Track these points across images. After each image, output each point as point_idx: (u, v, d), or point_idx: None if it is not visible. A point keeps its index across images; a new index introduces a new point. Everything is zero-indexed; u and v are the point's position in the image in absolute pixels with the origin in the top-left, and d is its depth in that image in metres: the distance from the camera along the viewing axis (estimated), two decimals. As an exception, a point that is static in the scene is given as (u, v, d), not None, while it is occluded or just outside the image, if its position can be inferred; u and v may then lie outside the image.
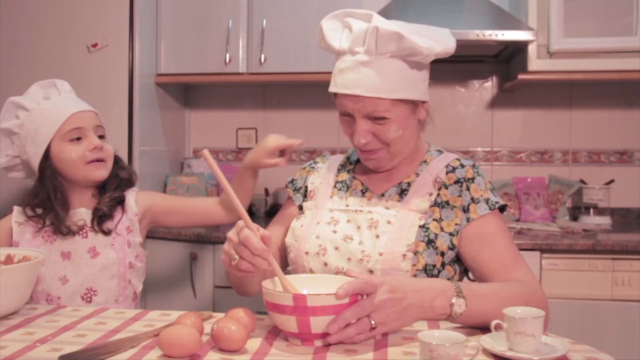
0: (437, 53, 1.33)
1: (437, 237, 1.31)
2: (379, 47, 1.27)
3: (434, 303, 1.11)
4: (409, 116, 1.34)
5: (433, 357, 0.88)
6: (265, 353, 1.05)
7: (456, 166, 1.37)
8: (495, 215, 1.33)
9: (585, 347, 1.09)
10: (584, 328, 2.27)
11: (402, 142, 1.35)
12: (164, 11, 2.67)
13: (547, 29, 2.49)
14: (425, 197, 1.34)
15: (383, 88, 1.27)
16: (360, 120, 1.31)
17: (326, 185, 1.46)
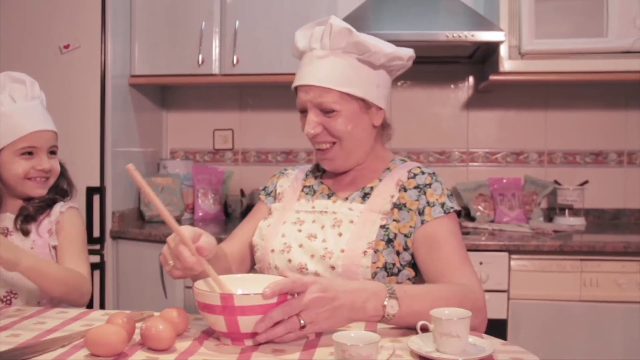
0: (386, 54, 1.39)
1: (395, 237, 1.34)
2: (332, 42, 1.36)
3: (366, 304, 1.12)
4: (359, 114, 1.39)
5: (345, 357, 0.89)
6: (193, 352, 1.05)
7: (417, 173, 1.41)
8: (448, 219, 1.36)
9: (515, 347, 1.09)
10: (552, 329, 2.27)
11: (353, 140, 1.39)
12: (137, 12, 2.68)
13: (519, 30, 2.50)
14: (387, 199, 1.38)
15: (332, 79, 1.35)
16: (312, 111, 1.38)
17: (294, 188, 1.52)
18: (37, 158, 1.54)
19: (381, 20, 2.59)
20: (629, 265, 2.25)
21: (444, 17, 2.55)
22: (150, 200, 1.15)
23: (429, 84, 2.95)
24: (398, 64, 1.44)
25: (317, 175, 1.53)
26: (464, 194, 2.83)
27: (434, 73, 2.93)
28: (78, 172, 2.44)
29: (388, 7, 2.61)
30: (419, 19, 2.54)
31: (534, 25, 2.48)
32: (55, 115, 2.45)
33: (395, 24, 2.54)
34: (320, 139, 1.39)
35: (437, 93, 2.95)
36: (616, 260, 2.26)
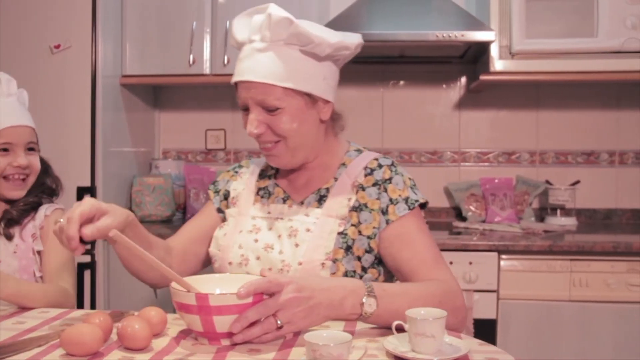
0: (331, 44, 1.28)
1: (354, 243, 1.30)
2: (272, 33, 1.26)
3: (344, 302, 1.11)
4: (305, 110, 1.30)
5: (316, 357, 0.89)
6: (169, 352, 1.05)
7: (374, 167, 1.35)
8: (415, 215, 1.32)
9: (492, 348, 1.09)
10: (541, 329, 2.27)
11: (300, 137, 1.31)
12: (128, 12, 2.68)
13: (509, 30, 2.50)
14: (344, 203, 1.33)
15: (275, 75, 1.26)
16: (254, 109, 1.29)
17: (249, 191, 1.44)
18: (13, 154, 1.51)
19: (372, 20, 2.59)
20: (618, 265, 2.25)
21: (435, 17, 2.55)
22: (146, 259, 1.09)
23: (420, 84, 2.95)
24: (345, 54, 1.34)
25: (270, 175, 1.46)
26: (456, 193, 2.83)
27: (425, 73, 2.93)
28: (69, 172, 2.48)
29: (379, 7, 2.61)
30: (410, 18, 2.54)
31: (524, 25, 2.48)
32: (45, 115, 2.48)
33: (386, 23, 2.54)
34: (264, 139, 1.31)
35: (429, 93, 2.95)
36: (605, 260, 2.26)
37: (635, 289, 2.25)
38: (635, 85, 2.81)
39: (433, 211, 2.93)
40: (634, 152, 2.85)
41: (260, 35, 1.27)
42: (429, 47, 2.60)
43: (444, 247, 2.27)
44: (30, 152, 1.56)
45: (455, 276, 2.27)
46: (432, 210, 2.93)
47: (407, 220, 1.31)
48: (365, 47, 2.59)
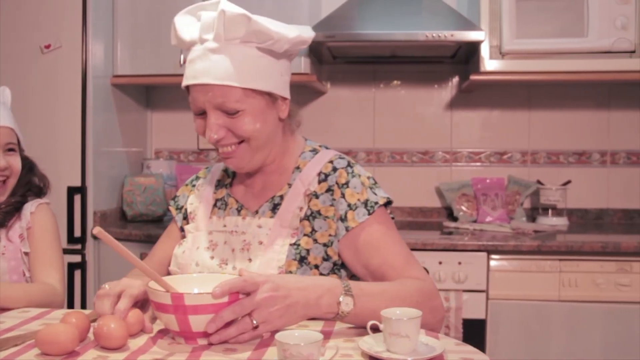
0: (290, 40, 1.25)
1: (309, 253, 1.28)
2: (227, 32, 1.20)
3: (320, 301, 1.10)
4: (266, 110, 1.26)
5: (286, 356, 0.89)
6: (145, 351, 1.05)
7: (328, 172, 1.30)
8: (377, 218, 1.28)
9: (468, 348, 1.09)
10: (531, 329, 2.27)
11: (262, 138, 1.27)
12: (119, 12, 2.68)
13: (500, 30, 2.50)
14: (295, 213, 1.29)
15: (234, 76, 1.20)
16: (212, 113, 1.23)
17: (206, 204, 1.41)
18: None
19: (363, 19, 2.59)
20: (607, 265, 2.25)
21: (425, 17, 2.55)
22: (126, 258, 1.11)
23: (412, 84, 2.95)
24: (300, 49, 1.30)
25: (227, 184, 1.42)
26: (447, 193, 2.83)
27: (417, 73, 2.93)
28: (59, 172, 2.49)
29: (370, 7, 2.61)
30: (400, 18, 2.54)
31: (514, 25, 2.48)
32: (36, 115, 2.49)
33: (377, 23, 2.54)
34: (225, 142, 1.25)
35: (421, 93, 2.95)
36: (594, 260, 2.26)
37: (624, 289, 2.25)
38: (627, 85, 2.81)
39: (424, 211, 2.93)
40: (626, 152, 2.85)
41: (214, 34, 1.21)
42: (420, 47, 2.59)
43: (433, 247, 2.28)
44: (9, 153, 1.55)
45: (445, 276, 2.28)
46: (424, 210, 2.93)
47: (369, 225, 1.26)
48: (357, 47, 2.63)
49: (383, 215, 1.30)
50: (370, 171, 2.92)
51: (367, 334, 1.11)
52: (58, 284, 1.53)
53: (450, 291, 2.27)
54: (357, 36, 2.47)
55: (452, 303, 2.25)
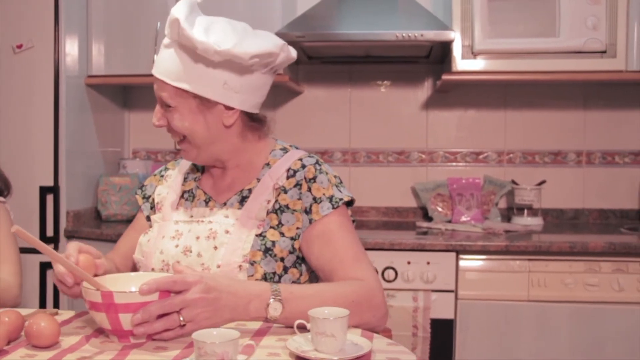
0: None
1: (274, 245, 1.29)
2: (171, 32, 1.26)
3: (249, 306, 1.12)
4: (197, 112, 1.28)
5: (201, 354, 0.89)
6: (75, 349, 1.06)
7: (297, 168, 1.34)
8: (338, 213, 1.31)
9: (399, 348, 1.09)
10: (500, 329, 2.27)
11: (197, 137, 1.29)
12: (94, 12, 2.68)
13: (472, 30, 2.50)
14: (263, 205, 1.32)
15: (169, 73, 1.26)
16: (159, 102, 1.31)
17: (173, 195, 1.43)
18: None
19: (335, 19, 2.60)
20: (575, 265, 2.25)
21: (397, 17, 2.55)
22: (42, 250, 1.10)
23: (388, 84, 2.95)
24: (269, 61, 1.28)
25: (196, 177, 1.44)
26: (422, 193, 2.83)
27: (393, 73, 2.93)
28: (31, 172, 2.50)
29: (344, 7, 2.62)
30: (373, 18, 2.54)
31: (486, 24, 2.48)
32: (8, 116, 2.50)
33: (349, 23, 2.55)
34: (168, 131, 1.34)
35: (397, 93, 2.95)
36: (563, 261, 2.26)
37: (592, 289, 2.25)
38: (602, 85, 2.81)
39: (400, 211, 2.93)
40: (601, 152, 2.84)
41: (169, 32, 1.26)
42: (394, 47, 2.59)
43: (402, 247, 2.28)
44: None
45: (413, 276, 2.28)
46: (399, 210, 2.93)
47: (329, 219, 1.30)
48: (329, 47, 2.63)
49: (345, 213, 1.34)
50: (346, 171, 2.95)
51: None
52: (12, 277, 1.55)
53: (419, 291, 2.27)
54: (328, 36, 2.47)
55: (420, 303, 2.25)
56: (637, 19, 2.43)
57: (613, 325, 2.22)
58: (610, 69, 2.45)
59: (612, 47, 2.44)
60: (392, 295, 2.27)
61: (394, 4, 2.62)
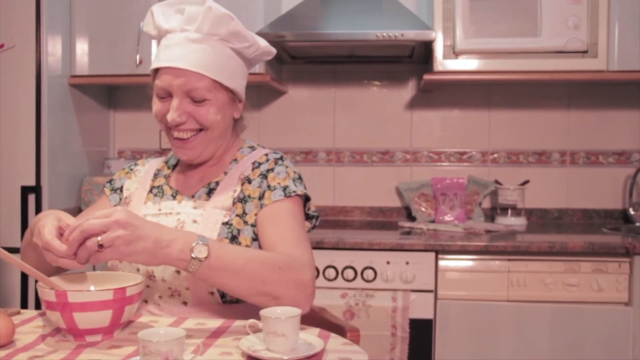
0: (261, 47, 1.39)
1: (240, 233, 1.32)
2: (210, 27, 1.30)
3: (173, 244, 1.09)
4: (227, 106, 1.37)
5: (146, 353, 0.89)
6: (29, 348, 1.06)
7: (262, 161, 1.39)
8: (290, 201, 1.33)
9: (354, 347, 1.09)
10: (479, 329, 2.26)
11: (219, 130, 1.36)
12: (77, 13, 2.68)
13: (453, 30, 2.50)
14: (229, 195, 1.36)
15: (207, 66, 1.30)
16: (179, 97, 1.30)
17: (142, 190, 1.45)
18: None
19: (317, 19, 2.60)
20: (555, 265, 2.25)
21: (379, 17, 2.55)
22: (16, 265, 1.10)
23: (372, 84, 2.95)
24: (263, 59, 1.44)
25: (166, 175, 1.47)
26: (406, 193, 2.83)
27: (377, 73, 2.93)
28: (14, 172, 2.50)
29: (327, 7, 2.62)
30: (355, 18, 2.54)
31: (468, 24, 2.48)
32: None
33: (331, 23, 2.55)
34: (185, 127, 1.33)
35: (381, 93, 2.95)
36: (543, 261, 2.25)
37: (572, 289, 2.24)
38: (585, 85, 2.81)
39: (384, 211, 2.93)
40: (585, 152, 2.84)
41: (197, 27, 1.30)
42: (377, 47, 2.59)
43: (381, 247, 2.27)
44: None
45: (392, 276, 2.28)
46: (383, 210, 2.93)
47: (280, 204, 1.32)
48: (312, 47, 2.63)
49: (297, 204, 1.36)
50: (330, 171, 2.95)
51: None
52: None
53: (398, 291, 2.27)
54: (308, 35, 2.47)
55: (399, 303, 2.25)
56: (618, 19, 2.43)
57: (592, 325, 2.22)
58: (591, 68, 2.45)
59: (593, 47, 2.44)
60: (372, 295, 2.27)
61: (377, 4, 2.62)
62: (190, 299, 1.30)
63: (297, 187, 1.35)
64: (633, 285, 2.22)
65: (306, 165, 2.96)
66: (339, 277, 2.30)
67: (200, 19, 1.30)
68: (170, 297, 1.32)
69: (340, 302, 2.27)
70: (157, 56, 1.33)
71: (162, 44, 1.34)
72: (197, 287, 1.29)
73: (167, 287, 1.31)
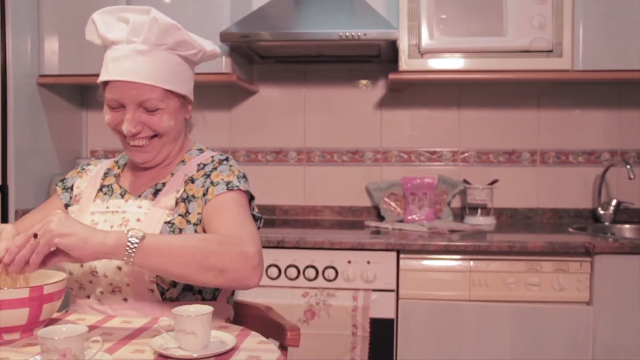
0: (207, 51, 1.44)
1: (182, 232, 1.34)
2: (157, 38, 1.34)
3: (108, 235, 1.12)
4: (179, 111, 1.42)
5: (44, 350, 0.90)
6: (-57, 347, 1.06)
7: (207, 162, 1.43)
8: (233, 193, 1.35)
9: (270, 346, 1.09)
10: (441, 328, 2.26)
11: (173, 134, 1.42)
12: (45, 12, 2.69)
13: (419, 29, 2.49)
14: (173, 195, 1.39)
15: (158, 77, 1.34)
16: (132, 109, 1.34)
17: (92, 188, 1.49)
18: None
19: (284, 18, 2.59)
20: (517, 264, 2.24)
21: (346, 17, 2.55)
22: None
23: (342, 83, 2.95)
24: (209, 61, 1.49)
25: (116, 174, 1.52)
26: (375, 193, 2.83)
27: (347, 72, 2.93)
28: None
29: (295, 6, 2.62)
30: (323, 18, 2.54)
31: (433, 24, 2.48)
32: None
33: (298, 22, 2.55)
34: (140, 136, 1.38)
35: (351, 92, 2.95)
36: (505, 260, 2.25)
37: (533, 289, 2.24)
38: (554, 84, 2.81)
39: (354, 210, 2.93)
40: (555, 152, 2.84)
41: (143, 38, 1.33)
42: (345, 47, 2.59)
43: (342, 247, 2.27)
44: None
45: (354, 275, 2.28)
46: (353, 209, 2.93)
47: (222, 195, 1.34)
48: (281, 47, 2.63)
49: (241, 196, 1.36)
50: (301, 170, 2.95)
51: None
52: None
53: (359, 290, 2.27)
54: (272, 35, 2.47)
55: (359, 302, 2.25)
56: (582, 18, 2.43)
57: (553, 324, 2.21)
58: (556, 68, 2.44)
59: (558, 46, 2.44)
60: (332, 295, 2.27)
61: (347, 5, 2.62)
62: (131, 295, 1.32)
63: (240, 183, 1.37)
64: (594, 285, 2.22)
65: (277, 165, 2.97)
66: (301, 276, 2.30)
67: (146, 30, 1.33)
68: (111, 293, 1.33)
69: (302, 301, 2.27)
70: (106, 68, 1.36)
71: (109, 56, 1.36)
72: (138, 283, 1.30)
73: (108, 283, 1.33)
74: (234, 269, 1.16)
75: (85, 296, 1.36)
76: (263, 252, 1.25)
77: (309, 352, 2.25)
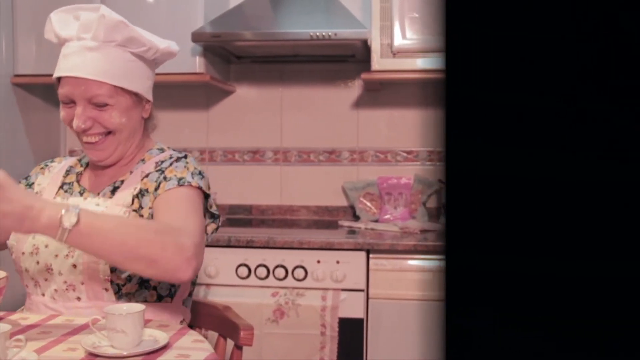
0: (160, 49, 1.44)
1: None
2: (105, 34, 1.34)
3: (42, 212, 1.08)
4: (132, 108, 1.42)
5: (-39, 349, 0.90)
6: None
7: (164, 160, 1.44)
8: (184, 188, 1.35)
9: (204, 345, 1.09)
10: (411, 328, 2.26)
11: (126, 131, 1.41)
12: (20, 12, 2.69)
13: (391, 28, 2.49)
14: (130, 192, 1.40)
15: (106, 73, 1.34)
16: (82, 104, 1.36)
17: (53, 185, 1.51)
18: None
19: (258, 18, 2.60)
20: (486, 264, 2.24)
21: (320, 17, 2.55)
22: None
23: (319, 83, 2.95)
24: (167, 59, 1.49)
25: (78, 172, 1.53)
26: (351, 192, 2.83)
27: (323, 72, 2.93)
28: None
29: (271, 5, 2.62)
30: (298, 18, 2.54)
31: (405, 23, 2.48)
32: None
33: (272, 22, 2.55)
34: (91, 132, 1.39)
35: (327, 92, 2.95)
36: (474, 259, 2.24)
37: (502, 288, 2.24)
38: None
39: (331, 210, 2.93)
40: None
41: (92, 35, 1.34)
42: (319, 47, 2.59)
43: (310, 246, 2.27)
44: None
45: (323, 275, 2.28)
46: (330, 209, 2.93)
47: (173, 190, 1.34)
48: (255, 47, 2.63)
49: (193, 192, 1.36)
50: (277, 170, 2.95)
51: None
52: None
53: (328, 290, 2.27)
54: (243, 35, 2.47)
55: (328, 302, 2.25)
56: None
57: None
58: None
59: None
60: (302, 294, 2.27)
61: (321, 5, 2.62)
62: (85, 294, 1.32)
63: (192, 179, 1.37)
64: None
65: (253, 165, 2.97)
66: (271, 275, 2.30)
67: (95, 27, 1.34)
68: (65, 291, 1.34)
69: (271, 300, 2.27)
70: (58, 65, 1.40)
71: (62, 53, 1.40)
72: (92, 283, 1.31)
73: (62, 281, 1.34)
74: (166, 259, 1.15)
75: (41, 294, 1.37)
76: (233, 251, 1.26)
77: (278, 352, 2.25)
